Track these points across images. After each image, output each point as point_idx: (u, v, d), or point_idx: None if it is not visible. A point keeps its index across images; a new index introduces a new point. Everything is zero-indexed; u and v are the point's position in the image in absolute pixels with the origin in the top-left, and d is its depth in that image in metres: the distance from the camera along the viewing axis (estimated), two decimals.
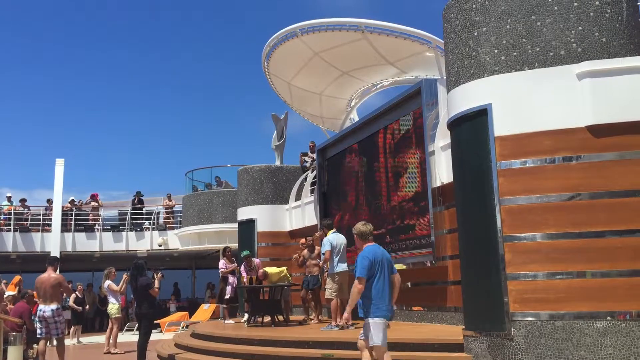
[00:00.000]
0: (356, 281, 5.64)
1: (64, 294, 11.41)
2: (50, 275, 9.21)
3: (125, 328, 17.13)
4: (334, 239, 9.61)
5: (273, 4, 60.13)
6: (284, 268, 12.06)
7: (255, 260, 12.53)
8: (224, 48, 60.30)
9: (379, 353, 5.70)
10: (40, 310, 9.18)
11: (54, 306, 9.17)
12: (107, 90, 56.89)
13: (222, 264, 13.06)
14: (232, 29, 60.75)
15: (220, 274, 13.01)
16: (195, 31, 59.83)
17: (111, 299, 12.15)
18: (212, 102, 59.43)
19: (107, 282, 12.17)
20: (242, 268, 12.21)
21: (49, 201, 21.09)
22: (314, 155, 14.81)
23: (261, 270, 11.60)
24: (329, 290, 9.50)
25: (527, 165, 6.19)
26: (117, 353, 11.45)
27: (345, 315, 6.06)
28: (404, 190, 10.29)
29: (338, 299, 9.47)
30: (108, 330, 12.25)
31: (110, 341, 11.94)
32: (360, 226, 6.00)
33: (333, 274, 9.53)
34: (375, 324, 5.67)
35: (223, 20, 61.00)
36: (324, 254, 9.66)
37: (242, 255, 12.48)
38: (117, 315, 12.04)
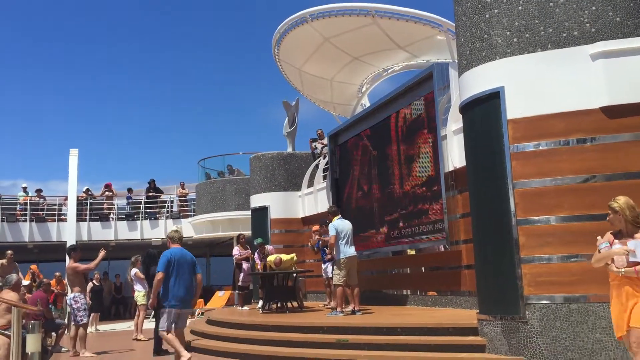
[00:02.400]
0: (158, 274, 7.24)
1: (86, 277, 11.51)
2: (69, 264, 9.55)
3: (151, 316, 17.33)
4: (339, 224, 9.53)
5: None
6: (293, 255, 12.12)
7: (269, 248, 12.61)
8: (235, 36, 60.21)
9: (163, 336, 7.30)
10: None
11: (72, 294, 9.50)
12: (119, 81, 57.12)
13: (236, 250, 13.15)
14: (242, 17, 60.59)
15: (235, 261, 13.10)
16: (205, 20, 59.76)
17: (138, 287, 12.34)
18: (223, 91, 59.48)
19: (134, 270, 12.33)
20: (256, 255, 12.28)
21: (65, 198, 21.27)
22: (324, 141, 14.78)
23: (277, 257, 11.66)
24: (336, 276, 9.45)
25: (541, 147, 6.13)
26: (143, 340, 11.62)
27: (151, 301, 7.60)
28: (416, 175, 10.25)
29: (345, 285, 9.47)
30: (135, 317, 12.43)
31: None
32: (171, 232, 7.77)
33: (339, 260, 9.43)
34: (167, 311, 7.23)
35: (234, 8, 60.85)
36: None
37: (255, 243, 12.55)
38: (144, 302, 12.21)
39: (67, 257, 10.00)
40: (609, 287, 5.68)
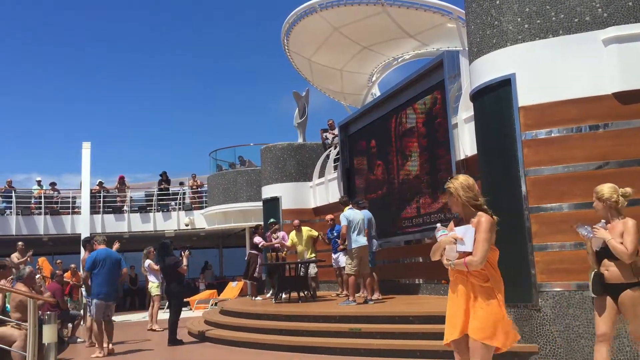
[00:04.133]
0: (84, 272, 9.01)
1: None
2: (84, 256, 9.67)
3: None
4: (350, 214, 9.51)
5: None
6: (309, 230, 12.29)
7: (280, 233, 12.78)
8: (245, 27, 60.12)
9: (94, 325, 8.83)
10: None
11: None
12: (131, 76, 57.32)
13: (257, 239, 13.23)
14: (252, 8, 60.46)
15: (261, 247, 13.17)
16: (216, 13, 59.71)
17: (151, 278, 12.47)
18: (233, 82, 59.50)
19: (147, 262, 12.44)
20: (268, 234, 12.63)
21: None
22: (335, 132, 14.77)
23: (282, 241, 12.13)
24: (349, 266, 9.44)
25: (553, 135, 6.09)
26: (157, 330, 11.74)
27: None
28: (427, 163, 10.23)
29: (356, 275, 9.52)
30: (150, 307, 12.56)
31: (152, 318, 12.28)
32: (97, 236, 9.19)
33: (351, 250, 9.43)
34: (95, 304, 8.64)
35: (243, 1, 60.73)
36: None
37: (268, 223, 13.01)
38: (158, 293, 12.33)
39: (82, 249, 10.09)
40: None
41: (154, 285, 12.40)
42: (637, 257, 4.40)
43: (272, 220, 13.26)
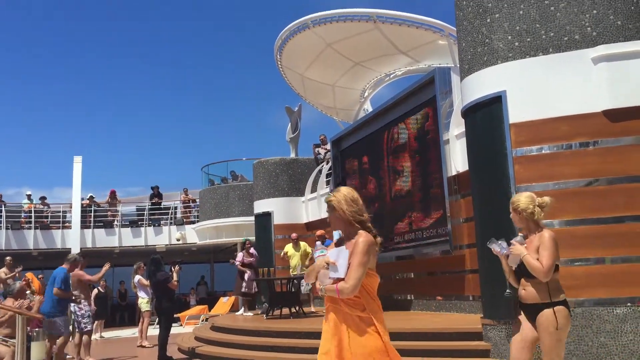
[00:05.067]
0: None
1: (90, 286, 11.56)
2: (74, 272, 9.56)
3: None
4: (339, 233, 9.59)
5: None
6: (304, 244, 12.26)
7: (251, 250, 12.94)
8: (237, 42, 60.39)
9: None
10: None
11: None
12: (123, 89, 57.31)
13: (239, 257, 13.20)
14: (244, 23, 60.77)
15: (237, 267, 13.15)
16: (208, 26, 59.95)
17: (141, 293, 12.37)
18: (225, 97, 59.59)
19: (137, 277, 12.36)
20: (240, 256, 12.68)
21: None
22: (327, 147, 14.81)
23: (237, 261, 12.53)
24: None
25: (544, 151, 6.13)
26: (147, 346, 11.63)
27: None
28: (419, 179, 10.25)
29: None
30: (140, 323, 12.46)
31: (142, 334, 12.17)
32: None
33: None
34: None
35: (236, 14, 61.05)
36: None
37: (242, 242, 13.06)
38: (148, 309, 12.23)
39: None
40: (614, 290, 5.69)
41: (143, 301, 12.31)
42: (555, 273, 4.02)
43: (245, 239, 13.28)
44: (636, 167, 5.79)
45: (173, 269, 9.70)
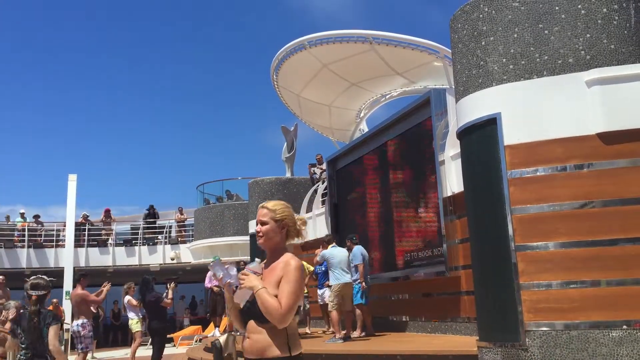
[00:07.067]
0: None
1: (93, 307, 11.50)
2: (77, 291, 9.54)
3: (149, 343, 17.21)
4: (330, 252, 9.78)
5: (267, 15, 60.57)
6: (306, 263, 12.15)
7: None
8: (233, 61, 60.74)
9: None
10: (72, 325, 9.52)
11: (79, 321, 9.50)
12: (118, 107, 57.44)
13: (207, 281, 13.19)
14: (241, 42, 61.21)
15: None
16: (204, 44, 60.35)
17: (131, 314, 12.25)
18: (221, 116, 59.78)
19: (127, 298, 12.26)
20: (207, 279, 12.59)
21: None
22: (323, 167, 14.83)
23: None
24: (330, 303, 9.65)
25: (538, 173, 6.15)
26: None
27: None
28: (414, 200, 10.26)
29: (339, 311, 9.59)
30: (133, 344, 12.33)
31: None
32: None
33: (332, 287, 9.70)
34: None
35: (232, 33, 61.49)
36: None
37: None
38: (138, 329, 12.12)
39: (77, 284, 9.95)
40: (610, 313, 5.66)
41: (133, 322, 12.16)
42: (296, 316, 2.99)
43: (215, 257, 13.14)
44: (630, 189, 5.81)
45: (169, 286, 9.64)
